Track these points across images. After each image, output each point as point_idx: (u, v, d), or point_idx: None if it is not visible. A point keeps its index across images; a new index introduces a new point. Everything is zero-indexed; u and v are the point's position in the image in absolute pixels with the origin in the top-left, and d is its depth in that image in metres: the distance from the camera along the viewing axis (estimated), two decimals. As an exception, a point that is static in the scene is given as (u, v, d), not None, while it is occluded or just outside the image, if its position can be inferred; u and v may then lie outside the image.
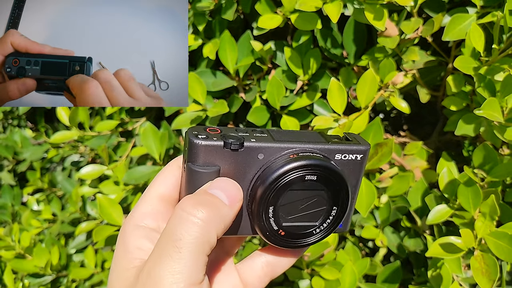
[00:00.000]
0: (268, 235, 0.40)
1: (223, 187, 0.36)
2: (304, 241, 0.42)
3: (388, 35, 0.69)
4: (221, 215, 0.35)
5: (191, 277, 0.33)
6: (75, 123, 0.94)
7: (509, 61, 0.62)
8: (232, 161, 0.37)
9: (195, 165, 0.37)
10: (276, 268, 0.43)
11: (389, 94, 0.70)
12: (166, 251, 0.33)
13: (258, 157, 0.38)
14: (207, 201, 0.35)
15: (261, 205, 0.38)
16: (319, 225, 0.41)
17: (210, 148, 0.36)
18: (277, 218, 0.39)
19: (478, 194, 0.61)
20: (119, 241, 0.39)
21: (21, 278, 1.07)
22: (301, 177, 0.38)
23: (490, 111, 0.60)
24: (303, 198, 0.40)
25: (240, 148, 0.37)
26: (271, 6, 0.71)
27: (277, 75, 0.76)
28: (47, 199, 1.17)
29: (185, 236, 0.33)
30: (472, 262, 0.59)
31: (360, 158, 0.41)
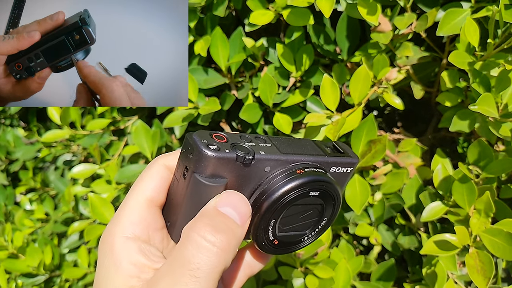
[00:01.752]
0: (263, 245, 0.40)
1: (234, 204, 0.35)
2: (291, 248, 0.42)
3: (381, 31, 0.68)
4: (236, 239, 0.34)
5: None
6: (66, 122, 0.93)
7: (504, 56, 0.62)
8: (240, 173, 0.36)
9: (203, 177, 0.35)
10: (253, 268, 0.44)
11: (383, 90, 0.69)
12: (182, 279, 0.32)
13: (265, 169, 0.37)
14: (223, 226, 0.33)
15: (264, 218, 0.38)
16: (308, 233, 0.42)
17: (222, 161, 0.34)
18: (275, 230, 0.39)
19: (473, 190, 0.61)
20: (108, 255, 0.36)
21: (14, 278, 1.06)
22: (306, 193, 0.38)
23: (485, 107, 0.59)
24: (302, 211, 0.40)
25: (251, 162, 0.36)
26: (263, 2, 0.70)
27: (269, 72, 0.75)
28: (40, 199, 1.16)
29: (203, 266, 0.32)
30: (467, 260, 0.59)
31: (350, 170, 0.42)
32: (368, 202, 0.73)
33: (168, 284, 0.32)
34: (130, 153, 0.91)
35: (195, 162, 0.34)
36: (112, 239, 0.37)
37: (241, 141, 0.37)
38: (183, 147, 0.36)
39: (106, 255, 0.36)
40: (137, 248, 0.36)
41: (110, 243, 0.37)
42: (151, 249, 0.38)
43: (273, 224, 0.39)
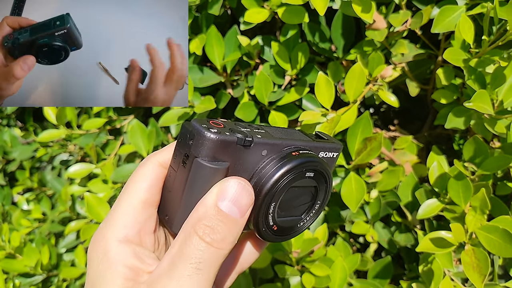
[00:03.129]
0: (263, 231, 0.40)
1: (234, 197, 0.35)
2: (288, 235, 0.43)
3: (376, 28, 0.68)
4: (237, 231, 0.35)
5: None
6: (62, 122, 0.92)
7: (499, 53, 0.61)
8: (239, 157, 0.36)
9: (206, 161, 0.34)
10: (243, 264, 0.44)
11: (378, 88, 0.69)
12: (184, 272, 0.33)
13: (262, 153, 0.38)
14: (223, 226, 0.34)
15: (265, 201, 0.38)
16: (303, 218, 0.43)
17: (223, 143, 0.34)
18: (275, 214, 0.40)
19: (469, 187, 0.61)
20: (102, 259, 0.36)
21: (12, 278, 1.06)
22: (303, 174, 0.39)
23: (480, 104, 0.59)
24: (298, 194, 0.41)
25: (251, 144, 0.36)
26: (257, 1, 0.70)
27: (264, 70, 0.75)
28: (37, 199, 1.16)
29: (204, 260, 0.33)
30: (463, 257, 0.59)
31: (336, 156, 0.43)
32: (364, 200, 0.73)
33: (171, 278, 0.33)
34: (126, 152, 0.91)
35: (196, 147, 0.34)
36: (106, 242, 0.36)
37: (238, 127, 0.37)
38: (180, 136, 0.36)
39: (100, 260, 0.36)
40: (131, 252, 0.36)
41: (103, 246, 0.36)
42: (145, 252, 0.37)
43: (273, 208, 0.39)
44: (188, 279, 0.32)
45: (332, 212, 0.80)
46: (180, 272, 0.33)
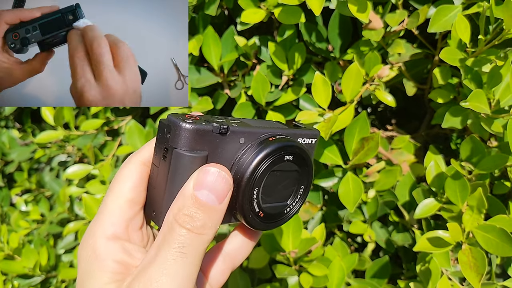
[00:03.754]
0: (250, 218, 0.41)
1: (210, 185, 0.35)
2: (277, 222, 0.43)
3: (372, 28, 0.68)
4: (217, 218, 0.36)
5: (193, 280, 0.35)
6: (60, 123, 0.92)
7: (495, 52, 0.62)
8: (217, 145, 0.37)
9: (184, 150, 0.35)
10: (235, 260, 0.44)
11: (375, 87, 0.69)
12: (169, 256, 0.33)
13: (240, 141, 0.39)
14: (201, 214, 0.35)
15: (247, 187, 0.39)
16: (289, 205, 0.44)
17: (200, 132, 0.36)
18: (259, 200, 0.40)
19: (466, 187, 0.61)
20: (91, 256, 0.36)
21: (10, 279, 1.06)
22: (282, 158, 0.40)
23: (476, 103, 0.59)
24: (281, 179, 0.42)
25: (227, 132, 0.37)
26: (254, 1, 0.70)
27: (262, 71, 0.75)
28: (35, 200, 1.16)
29: (187, 245, 0.34)
30: (460, 256, 0.59)
31: (314, 142, 0.45)
32: (361, 200, 0.74)
33: (156, 264, 0.33)
34: (124, 153, 0.91)
35: (174, 138, 0.35)
36: (94, 240, 0.37)
37: (213, 119, 0.39)
38: (159, 132, 0.37)
39: (89, 257, 0.36)
40: (120, 247, 0.37)
41: (92, 245, 0.37)
42: (134, 247, 0.38)
43: (256, 193, 0.40)
44: (173, 263, 0.33)
45: (329, 212, 0.80)
46: (165, 257, 0.33)
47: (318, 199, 0.78)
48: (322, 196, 0.80)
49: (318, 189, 0.78)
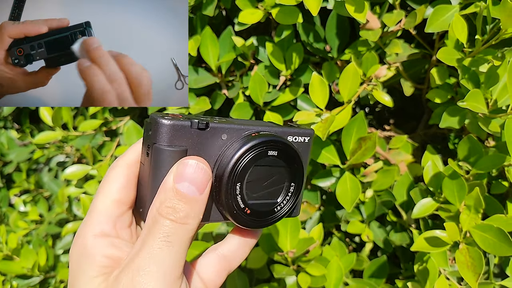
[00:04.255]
0: (235, 214, 0.41)
1: (189, 176, 0.36)
2: (267, 220, 0.43)
3: (370, 28, 0.68)
4: (198, 208, 0.36)
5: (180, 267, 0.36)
6: (58, 124, 0.92)
7: (492, 52, 0.62)
8: (198, 141, 0.38)
9: (163, 145, 0.37)
10: (232, 262, 0.44)
11: (372, 87, 0.70)
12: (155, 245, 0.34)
13: (222, 137, 0.39)
14: (183, 205, 0.35)
15: (229, 182, 0.39)
16: (280, 203, 0.43)
17: (177, 127, 0.37)
18: (244, 196, 0.40)
19: (463, 187, 0.61)
20: (81, 255, 0.37)
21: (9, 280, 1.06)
22: (265, 152, 0.40)
23: (474, 103, 0.59)
24: (266, 175, 0.41)
25: (206, 127, 0.38)
26: (252, 1, 0.70)
27: (259, 71, 0.75)
28: (34, 200, 1.16)
29: (172, 235, 0.35)
30: (457, 256, 0.59)
31: (308, 140, 0.44)
32: (359, 199, 0.74)
33: (143, 254, 0.34)
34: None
35: (154, 135, 0.37)
36: (83, 239, 0.38)
37: (197, 116, 0.40)
38: (144, 132, 0.38)
39: (79, 255, 0.37)
40: (108, 242, 0.38)
41: (81, 243, 0.38)
42: (123, 242, 0.39)
43: (239, 188, 0.40)
44: (159, 251, 0.34)
45: (327, 212, 0.80)
46: (151, 247, 0.34)
47: (316, 199, 0.78)
48: (320, 196, 0.80)
49: (316, 189, 0.78)
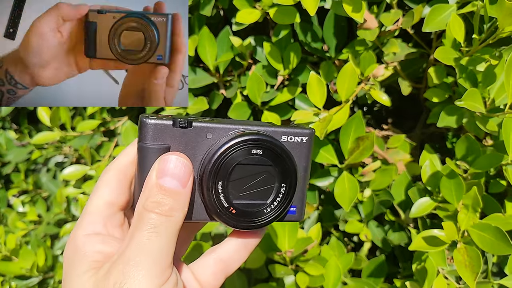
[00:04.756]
0: (219, 213, 0.40)
1: (171, 171, 0.37)
2: (255, 221, 0.42)
3: (367, 28, 0.68)
4: (183, 200, 0.37)
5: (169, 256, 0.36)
6: (56, 124, 0.92)
7: (490, 51, 0.62)
8: (182, 140, 0.39)
9: (146, 143, 0.38)
10: (229, 265, 0.44)
11: (370, 87, 0.70)
12: (143, 237, 0.35)
13: (207, 136, 0.40)
14: (167, 199, 0.36)
15: (210, 179, 0.39)
16: (269, 204, 0.42)
17: (159, 126, 0.38)
18: (227, 195, 0.40)
19: (461, 186, 0.61)
20: (72, 254, 0.38)
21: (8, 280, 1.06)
22: (248, 151, 0.40)
23: (471, 102, 0.59)
24: (252, 174, 0.41)
25: (189, 126, 0.39)
26: (249, 1, 0.70)
27: (257, 71, 0.75)
28: (32, 201, 1.16)
29: (158, 226, 0.36)
30: (455, 255, 0.59)
31: (306, 140, 0.43)
32: (357, 199, 0.74)
33: (133, 246, 0.35)
34: (121, 154, 0.91)
35: (140, 134, 0.38)
36: (74, 240, 0.39)
37: (185, 117, 0.40)
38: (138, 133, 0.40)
39: (72, 253, 0.38)
40: (99, 240, 0.39)
41: (73, 243, 0.39)
42: (114, 239, 0.40)
43: (221, 187, 0.40)
44: (147, 242, 0.35)
45: (325, 211, 0.80)
46: (139, 239, 0.35)
47: (314, 199, 0.78)
48: (318, 196, 0.80)
49: (314, 189, 0.78)
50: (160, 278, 0.35)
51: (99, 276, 0.35)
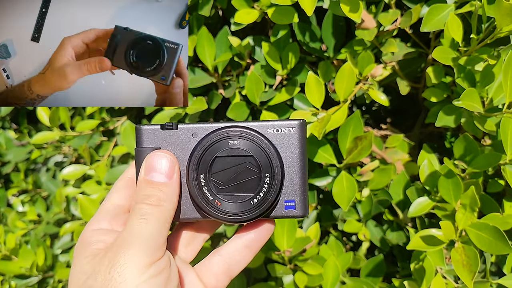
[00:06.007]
0: (206, 207, 0.42)
1: (155, 167, 0.41)
2: (243, 214, 0.43)
3: (366, 28, 0.68)
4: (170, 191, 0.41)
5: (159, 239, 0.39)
6: (55, 124, 0.93)
7: (488, 51, 0.62)
8: (170, 141, 0.43)
9: (139, 147, 0.43)
10: (232, 266, 0.45)
11: (368, 87, 0.70)
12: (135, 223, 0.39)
13: (192, 135, 0.43)
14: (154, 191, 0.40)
15: (192, 174, 0.42)
16: (255, 195, 0.42)
17: (149, 130, 0.43)
18: (211, 188, 0.42)
19: (459, 185, 0.61)
20: (79, 244, 0.42)
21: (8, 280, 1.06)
22: (225, 142, 0.42)
23: (469, 102, 0.60)
24: (233, 166, 0.42)
25: (175, 128, 0.43)
26: (247, 1, 0.70)
27: (255, 71, 0.75)
28: (32, 200, 1.16)
29: (149, 215, 0.39)
30: (453, 254, 0.59)
31: (294, 130, 0.43)
32: (355, 199, 0.74)
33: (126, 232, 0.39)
34: (120, 154, 0.91)
35: (135, 140, 0.43)
36: (83, 234, 0.43)
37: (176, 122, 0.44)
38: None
39: (78, 247, 0.42)
40: (103, 232, 0.42)
41: (81, 237, 0.43)
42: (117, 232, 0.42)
43: (204, 180, 0.42)
44: (138, 227, 0.39)
45: (324, 211, 0.80)
46: (131, 226, 0.39)
47: (313, 198, 0.78)
48: (317, 195, 0.80)
49: (312, 188, 0.78)
50: (149, 258, 0.38)
51: (96, 259, 0.39)
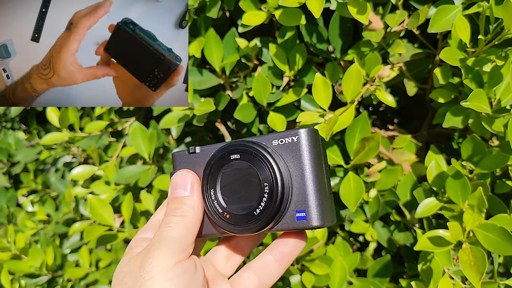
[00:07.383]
0: (218, 220, 0.44)
1: (178, 184, 0.46)
2: (248, 224, 0.43)
3: (373, 29, 0.68)
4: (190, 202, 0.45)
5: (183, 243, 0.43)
6: (65, 125, 0.93)
7: (496, 52, 0.62)
8: (196, 162, 0.47)
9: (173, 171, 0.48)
10: (264, 280, 0.47)
11: (375, 88, 0.70)
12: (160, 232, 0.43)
13: (207, 155, 0.46)
14: (178, 205, 0.45)
15: (204, 189, 0.45)
16: (257, 205, 0.43)
17: (180, 155, 0.48)
18: (220, 201, 0.44)
19: (466, 186, 0.61)
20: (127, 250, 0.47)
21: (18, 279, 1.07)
22: (228, 158, 0.44)
23: (477, 103, 0.59)
24: (236, 179, 0.44)
25: (195, 151, 0.47)
26: (255, 3, 0.70)
27: (263, 72, 0.76)
28: (41, 200, 1.17)
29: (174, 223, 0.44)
30: (461, 255, 0.59)
31: (297, 139, 0.43)
32: (363, 199, 0.74)
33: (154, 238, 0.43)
34: (128, 154, 0.92)
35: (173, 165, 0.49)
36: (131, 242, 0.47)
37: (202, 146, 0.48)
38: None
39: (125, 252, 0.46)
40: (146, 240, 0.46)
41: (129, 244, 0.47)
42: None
43: (213, 194, 0.44)
44: (164, 232, 0.43)
45: (331, 211, 0.80)
46: (159, 233, 0.44)
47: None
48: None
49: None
50: (174, 258, 0.41)
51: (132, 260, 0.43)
